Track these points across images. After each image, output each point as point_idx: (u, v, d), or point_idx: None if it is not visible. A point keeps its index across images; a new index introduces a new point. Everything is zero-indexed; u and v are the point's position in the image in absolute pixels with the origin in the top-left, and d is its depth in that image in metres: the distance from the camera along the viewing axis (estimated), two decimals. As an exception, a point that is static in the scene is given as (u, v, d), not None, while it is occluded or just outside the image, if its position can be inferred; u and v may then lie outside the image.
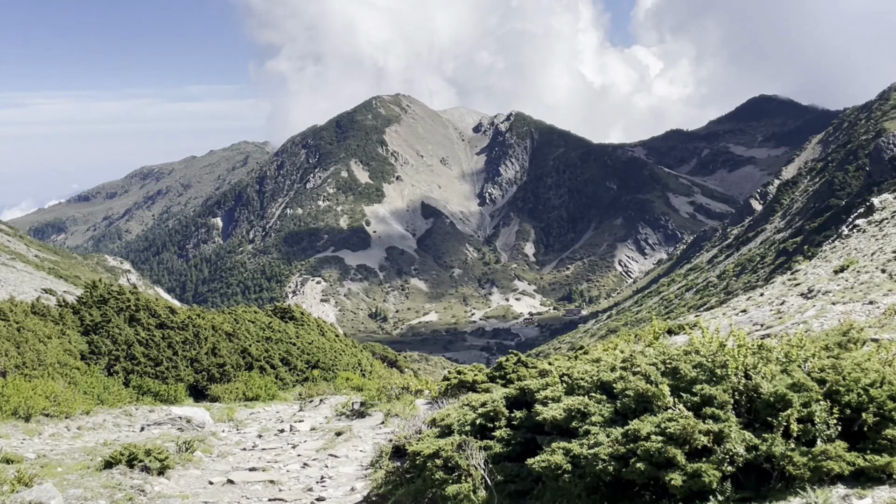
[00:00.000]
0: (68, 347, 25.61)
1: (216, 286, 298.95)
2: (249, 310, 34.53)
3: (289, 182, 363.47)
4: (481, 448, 7.96)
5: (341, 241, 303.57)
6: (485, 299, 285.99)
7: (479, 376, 17.57)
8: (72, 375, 23.73)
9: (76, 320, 27.20)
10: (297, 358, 31.24)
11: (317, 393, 27.01)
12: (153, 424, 18.68)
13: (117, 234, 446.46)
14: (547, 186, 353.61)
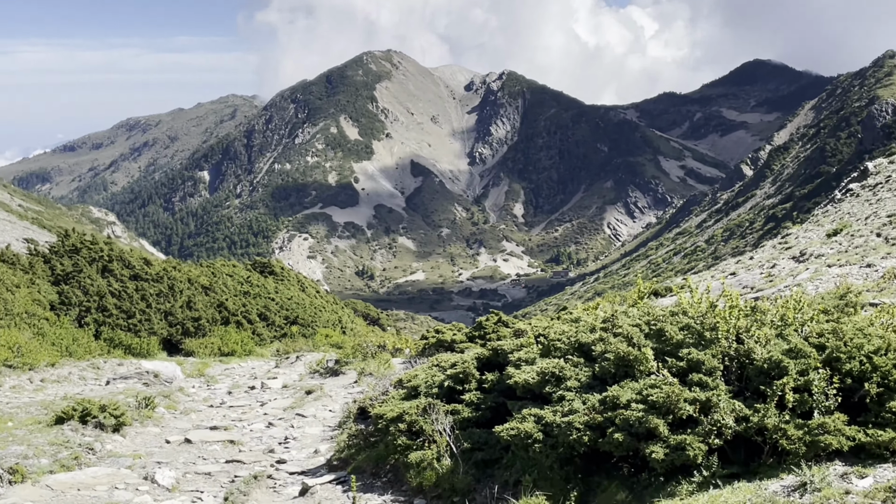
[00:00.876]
0: (37, 297, 24.86)
1: (202, 240, 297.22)
2: (228, 264, 33.80)
3: (277, 137, 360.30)
4: (448, 412, 7.34)
5: (329, 198, 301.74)
6: (472, 259, 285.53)
7: (458, 336, 16.97)
8: (40, 326, 23.02)
9: (47, 270, 26.42)
10: (276, 313, 30.58)
11: (294, 350, 26.41)
12: (119, 378, 18.03)
13: (103, 185, 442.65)
14: (538, 147, 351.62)
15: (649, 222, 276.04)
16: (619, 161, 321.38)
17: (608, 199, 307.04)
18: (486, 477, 6.84)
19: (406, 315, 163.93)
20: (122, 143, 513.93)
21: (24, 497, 7.63)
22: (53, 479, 8.20)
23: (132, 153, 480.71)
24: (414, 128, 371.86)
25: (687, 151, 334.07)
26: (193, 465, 9.89)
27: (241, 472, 9.39)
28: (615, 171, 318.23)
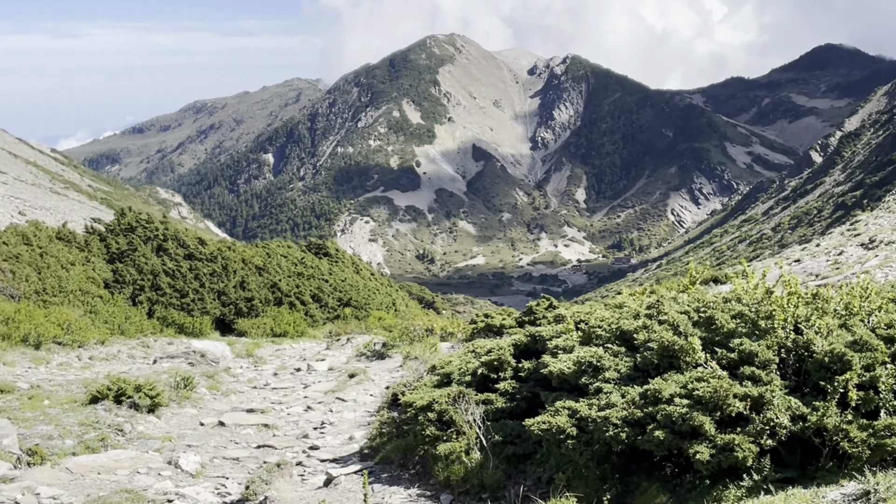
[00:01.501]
0: (92, 275, 25.00)
1: (266, 222, 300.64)
2: (283, 244, 33.71)
3: (340, 120, 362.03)
4: (480, 402, 6.87)
5: (391, 182, 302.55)
6: (533, 244, 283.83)
7: (508, 321, 16.47)
8: (93, 304, 23.13)
9: (102, 248, 26.56)
10: (329, 295, 30.39)
11: (345, 332, 26.16)
12: (166, 357, 17.93)
13: (170, 166, 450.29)
14: (601, 132, 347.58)
15: (714, 209, 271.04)
16: (684, 147, 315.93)
17: (672, 185, 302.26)
18: (518, 473, 6.36)
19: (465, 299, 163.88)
20: (189, 125, 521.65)
21: (40, 480, 7.39)
22: (74, 462, 7.95)
23: (199, 135, 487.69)
24: (476, 112, 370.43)
25: (754, 137, 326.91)
26: (224, 449, 9.60)
27: (271, 457, 9.06)
28: (680, 157, 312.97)
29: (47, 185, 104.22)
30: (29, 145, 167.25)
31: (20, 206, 63.62)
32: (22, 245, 24.54)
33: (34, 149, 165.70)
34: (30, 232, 25.52)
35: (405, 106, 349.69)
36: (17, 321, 17.96)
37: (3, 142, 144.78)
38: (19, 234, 25.23)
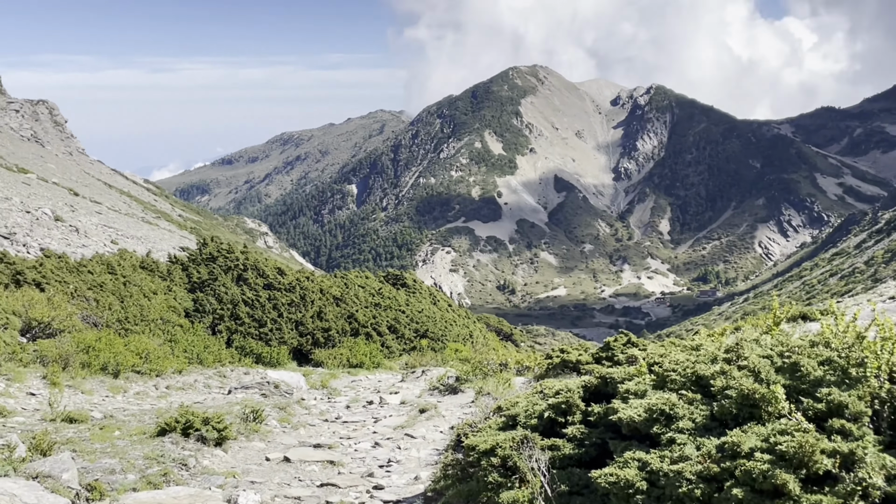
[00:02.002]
0: (173, 304, 25.33)
1: (349, 252, 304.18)
2: (361, 275, 33.75)
3: (423, 151, 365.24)
4: (546, 448, 6.49)
5: (472, 212, 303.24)
6: (616, 276, 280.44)
7: (584, 356, 16.00)
8: (173, 332, 23.39)
9: (184, 277, 26.93)
10: (406, 326, 30.25)
11: (421, 364, 25.92)
12: (241, 388, 17.92)
13: (257, 197, 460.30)
14: (686, 163, 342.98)
15: (804, 242, 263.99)
16: (772, 178, 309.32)
17: (760, 217, 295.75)
18: (585, 526, 5.97)
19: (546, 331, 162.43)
20: (276, 156, 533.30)
21: (96, 517, 7.26)
22: (133, 498, 7.81)
23: (285, 167, 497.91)
24: (558, 143, 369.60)
25: (846, 168, 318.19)
26: (287, 486, 9.38)
27: (334, 497, 8.81)
28: (768, 188, 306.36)
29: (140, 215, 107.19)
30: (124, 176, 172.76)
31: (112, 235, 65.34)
32: (106, 274, 25.05)
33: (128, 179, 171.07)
34: (114, 261, 26.06)
35: (487, 137, 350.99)
36: (97, 350, 18.22)
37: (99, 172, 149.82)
38: (104, 262, 25.78)
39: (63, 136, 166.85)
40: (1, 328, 18.29)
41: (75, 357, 17.61)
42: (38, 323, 19.61)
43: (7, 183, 72.04)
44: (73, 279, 23.64)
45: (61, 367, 17.11)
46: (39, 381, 15.82)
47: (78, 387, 16.23)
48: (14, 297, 20.24)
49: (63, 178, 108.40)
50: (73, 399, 15.42)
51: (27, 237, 45.53)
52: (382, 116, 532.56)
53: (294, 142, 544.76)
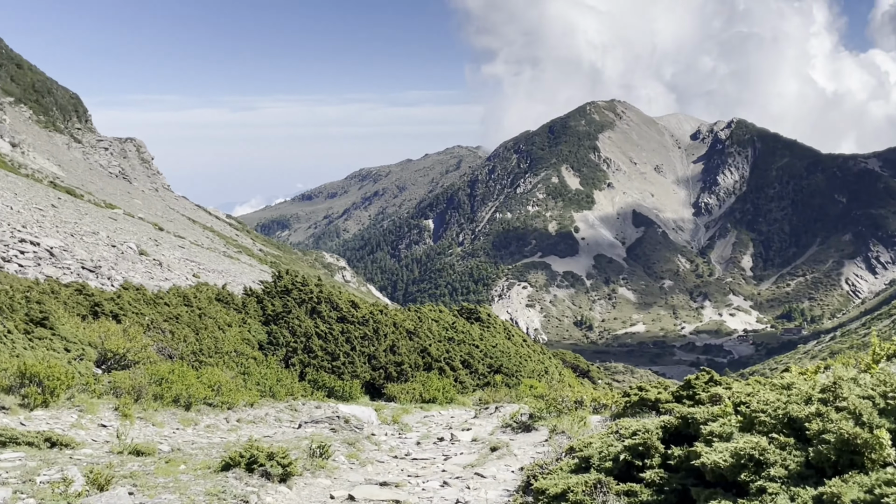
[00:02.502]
0: (247, 336, 25.36)
1: (425, 286, 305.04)
2: (434, 308, 33.44)
3: (499, 186, 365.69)
4: (622, 494, 5.99)
5: (549, 247, 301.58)
6: (696, 313, 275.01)
7: (664, 394, 15.33)
8: (246, 365, 23.38)
9: (258, 309, 26.98)
10: (479, 361, 29.78)
11: (494, 400, 25.42)
12: (311, 422, 17.70)
13: (335, 232, 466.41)
14: (768, 197, 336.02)
15: (893, 279, 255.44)
16: (858, 213, 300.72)
17: (846, 254, 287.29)
18: (665, 582, 5.46)
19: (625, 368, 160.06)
20: (354, 192, 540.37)
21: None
22: (189, 536, 7.54)
23: (363, 202, 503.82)
24: (636, 177, 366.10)
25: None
26: (350, 526, 9.03)
27: (398, 539, 8.41)
28: (854, 224, 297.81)
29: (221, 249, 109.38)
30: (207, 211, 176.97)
31: (194, 268, 66.62)
32: (182, 306, 25.23)
33: (211, 214, 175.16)
34: (191, 293, 26.26)
35: (564, 172, 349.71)
36: (170, 381, 18.22)
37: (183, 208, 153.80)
38: (181, 295, 26.00)
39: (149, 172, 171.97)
40: (76, 359, 18.47)
41: (148, 389, 17.63)
42: (113, 354, 19.76)
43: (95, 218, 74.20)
44: (150, 311, 23.86)
45: (134, 399, 17.13)
46: (111, 412, 15.83)
47: (149, 419, 16.21)
48: (91, 329, 20.47)
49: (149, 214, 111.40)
50: (144, 431, 15.38)
51: (111, 270, 46.55)
52: (459, 152, 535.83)
53: (372, 177, 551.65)
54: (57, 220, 60.60)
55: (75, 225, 61.39)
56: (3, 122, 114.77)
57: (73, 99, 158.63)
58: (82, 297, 23.09)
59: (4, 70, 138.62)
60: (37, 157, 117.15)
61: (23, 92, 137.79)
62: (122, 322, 22.08)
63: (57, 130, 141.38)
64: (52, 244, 44.19)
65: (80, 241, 53.35)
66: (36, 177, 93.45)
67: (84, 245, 52.45)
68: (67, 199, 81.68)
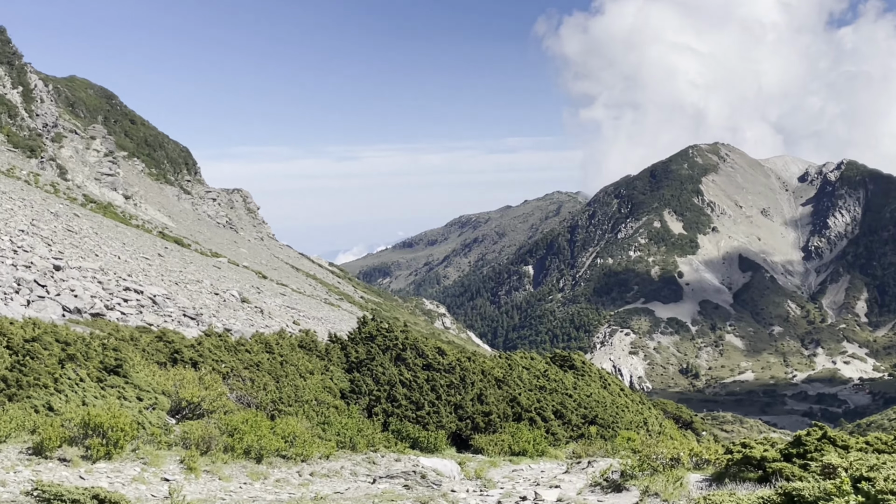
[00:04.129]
0: (329, 384, 24.58)
1: (525, 333, 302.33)
2: (526, 355, 32.11)
3: (600, 232, 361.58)
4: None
5: (651, 293, 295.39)
6: (808, 360, 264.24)
7: (770, 452, 13.74)
8: (327, 414, 22.53)
9: (342, 356, 26.22)
10: (573, 412, 28.28)
11: (587, 454, 23.92)
12: (386, 478, 16.64)
13: (436, 279, 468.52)
14: (883, 240, 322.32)
15: None
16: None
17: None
18: None
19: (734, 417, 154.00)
20: (454, 239, 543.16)
21: None
22: None
23: (463, 249, 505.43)
24: (742, 221, 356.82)
25: None
26: None
27: None
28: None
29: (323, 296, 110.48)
30: (310, 259, 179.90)
31: (295, 315, 67.06)
32: (264, 353, 24.65)
33: (314, 262, 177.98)
34: (272, 340, 25.68)
35: (666, 216, 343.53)
36: (242, 432, 17.46)
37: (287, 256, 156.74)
38: (262, 341, 25.45)
39: (255, 222, 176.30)
40: (149, 408, 17.91)
41: (219, 440, 16.90)
42: (187, 403, 19.18)
43: (199, 266, 75.66)
44: (230, 358, 23.33)
45: (203, 451, 16.42)
46: (177, 465, 15.11)
47: (216, 472, 15.42)
48: (166, 377, 19.96)
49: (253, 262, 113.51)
50: (209, 486, 14.58)
51: (212, 318, 46.82)
52: (559, 198, 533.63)
53: (472, 224, 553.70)
54: (162, 268, 61.87)
55: (180, 273, 62.53)
56: (118, 175, 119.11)
57: (184, 152, 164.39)
58: (162, 344, 22.71)
59: (119, 125, 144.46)
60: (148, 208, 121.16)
61: (136, 146, 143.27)
62: (200, 369, 21.56)
63: (168, 182, 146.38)
64: (155, 292, 44.72)
65: (183, 289, 54.11)
66: (146, 227, 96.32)
67: (187, 293, 53.13)
68: (174, 248, 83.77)
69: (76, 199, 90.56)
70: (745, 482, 13.90)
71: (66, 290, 35.72)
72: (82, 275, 41.67)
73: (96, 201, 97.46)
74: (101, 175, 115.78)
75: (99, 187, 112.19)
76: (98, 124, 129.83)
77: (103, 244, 60.24)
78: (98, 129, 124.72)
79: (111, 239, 65.75)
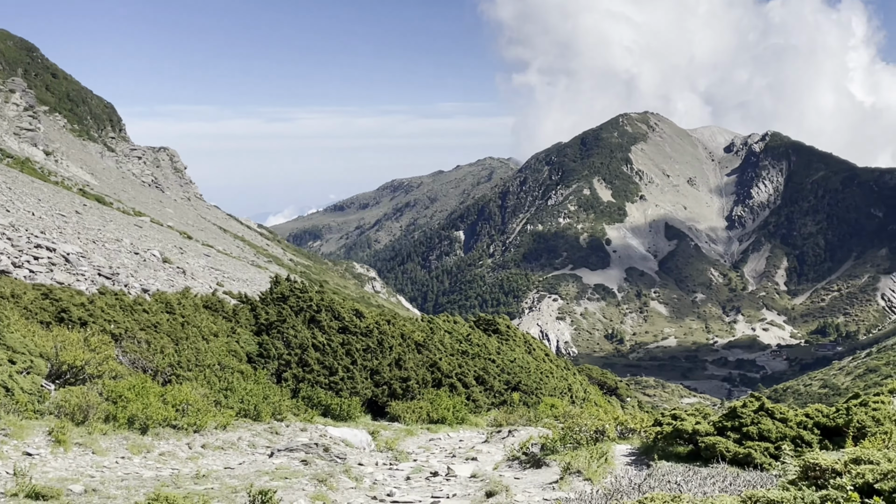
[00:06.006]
0: (235, 348, 22.84)
1: (455, 297, 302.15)
2: (449, 319, 30.72)
3: (530, 198, 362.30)
4: None
5: (580, 260, 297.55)
6: (729, 327, 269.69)
7: (703, 425, 12.56)
8: (230, 380, 20.82)
9: (251, 318, 24.48)
10: (496, 377, 27.04)
11: (508, 422, 22.70)
12: (285, 451, 15.07)
13: (367, 243, 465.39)
14: (803, 211, 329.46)
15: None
16: (895, 228, 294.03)
17: (882, 269, 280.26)
18: None
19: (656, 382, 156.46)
20: (386, 203, 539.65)
21: None
22: None
23: (395, 213, 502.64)
24: (669, 190, 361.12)
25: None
26: None
27: None
28: (891, 239, 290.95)
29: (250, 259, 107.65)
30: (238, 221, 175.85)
31: (219, 277, 64.60)
32: (163, 313, 22.78)
33: (243, 224, 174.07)
34: (174, 299, 23.79)
35: (596, 184, 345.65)
36: (126, 400, 15.70)
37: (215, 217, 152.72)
38: (163, 301, 23.55)
39: (182, 181, 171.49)
40: (22, 372, 15.98)
41: (98, 408, 15.13)
42: (69, 367, 17.24)
43: (120, 225, 72.45)
44: (125, 318, 21.41)
45: (78, 421, 14.65)
46: (44, 437, 13.33)
47: (91, 445, 13.67)
48: (47, 338, 18.01)
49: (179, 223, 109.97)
50: (78, 461, 12.84)
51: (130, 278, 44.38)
52: (491, 164, 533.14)
53: (404, 189, 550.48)
54: (80, 226, 58.80)
55: (98, 231, 59.52)
56: (38, 131, 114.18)
57: (108, 108, 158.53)
58: (48, 302, 20.69)
59: (40, 79, 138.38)
60: (70, 165, 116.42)
61: (57, 101, 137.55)
62: (90, 329, 19.60)
63: (91, 139, 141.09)
64: (69, 250, 42.23)
65: (101, 248, 51.37)
66: (66, 184, 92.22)
67: (105, 252, 50.45)
68: (94, 205, 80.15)
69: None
70: (674, 457, 12.76)
71: (-31, 246, 33.29)
72: (-9, 231, 39.10)
73: (13, 156, 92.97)
74: (21, 130, 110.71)
75: (18, 143, 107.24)
76: (18, 77, 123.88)
77: (16, 200, 57.05)
78: (18, 83, 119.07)
79: (25, 195, 62.37)
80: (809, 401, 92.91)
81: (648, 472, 11.25)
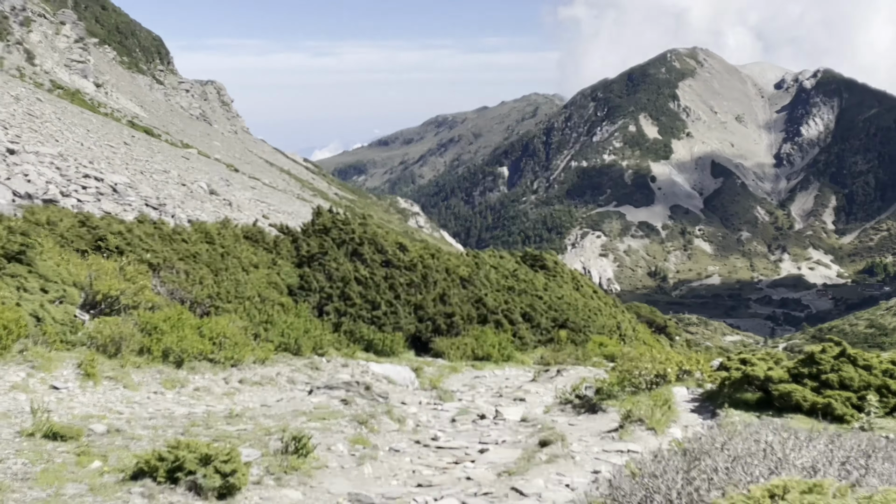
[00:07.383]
0: (275, 280, 22.16)
1: (498, 234, 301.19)
2: (495, 254, 29.82)
3: (575, 135, 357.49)
4: None
5: (624, 196, 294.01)
6: (774, 266, 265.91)
7: (776, 371, 11.55)
8: (270, 313, 20.16)
9: (292, 250, 23.74)
10: (542, 314, 26.15)
11: (557, 361, 21.85)
12: (324, 388, 14.36)
13: (411, 178, 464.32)
14: (854, 150, 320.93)
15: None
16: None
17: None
18: None
19: (699, 320, 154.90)
20: (430, 138, 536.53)
21: None
22: None
23: (439, 148, 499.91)
24: (716, 127, 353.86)
25: None
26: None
27: None
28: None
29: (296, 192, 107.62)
30: (284, 155, 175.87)
31: (265, 209, 64.37)
32: (203, 243, 22.12)
33: (289, 158, 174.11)
34: (214, 230, 23.11)
35: (642, 120, 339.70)
36: (161, 332, 15.07)
37: (261, 151, 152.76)
38: (203, 230, 22.89)
39: (229, 115, 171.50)
40: (55, 302, 15.39)
41: (132, 340, 14.51)
42: (104, 297, 16.64)
43: (168, 157, 72.26)
44: (163, 248, 20.78)
45: (111, 354, 14.06)
46: (73, 370, 12.74)
47: (122, 379, 13.06)
48: (82, 266, 17.40)
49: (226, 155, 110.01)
50: (108, 395, 12.22)
51: (177, 209, 44.07)
52: (536, 99, 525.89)
53: (448, 124, 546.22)
54: (128, 157, 58.59)
55: (146, 163, 59.31)
56: (88, 63, 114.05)
57: (156, 41, 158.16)
58: (85, 230, 20.09)
59: (89, 11, 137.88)
60: (119, 97, 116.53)
61: (107, 33, 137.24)
62: (126, 258, 18.99)
63: (140, 72, 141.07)
64: (117, 180, 41.99)
65: (148, 179, 51.13)
66: (115, 116, 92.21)
67: (152, 183, 50.19)
68: (142, 137, 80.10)
69: (42, 84, 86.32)
70: (742, 405, 11.82)
71: (18, 174, 33.17)
72: (39, 160, 38.89)
73: (64, 88, 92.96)
74: (71, 62, 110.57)
75: (69, 74, 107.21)
76: (68, 9, 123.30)
77: (66, 130, 56.89)
78: (68, 14, 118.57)
79: (75, 126, 62.15)
80: (855, 340, 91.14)
81: (719, 422, 10.33)
